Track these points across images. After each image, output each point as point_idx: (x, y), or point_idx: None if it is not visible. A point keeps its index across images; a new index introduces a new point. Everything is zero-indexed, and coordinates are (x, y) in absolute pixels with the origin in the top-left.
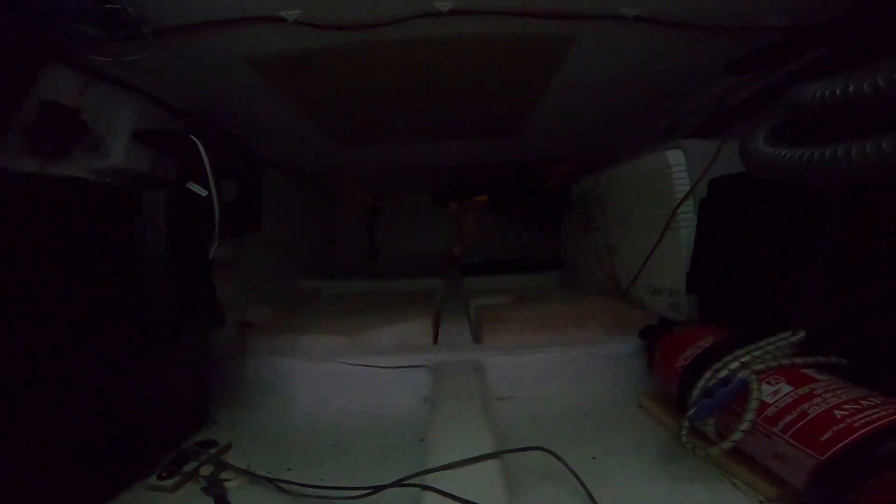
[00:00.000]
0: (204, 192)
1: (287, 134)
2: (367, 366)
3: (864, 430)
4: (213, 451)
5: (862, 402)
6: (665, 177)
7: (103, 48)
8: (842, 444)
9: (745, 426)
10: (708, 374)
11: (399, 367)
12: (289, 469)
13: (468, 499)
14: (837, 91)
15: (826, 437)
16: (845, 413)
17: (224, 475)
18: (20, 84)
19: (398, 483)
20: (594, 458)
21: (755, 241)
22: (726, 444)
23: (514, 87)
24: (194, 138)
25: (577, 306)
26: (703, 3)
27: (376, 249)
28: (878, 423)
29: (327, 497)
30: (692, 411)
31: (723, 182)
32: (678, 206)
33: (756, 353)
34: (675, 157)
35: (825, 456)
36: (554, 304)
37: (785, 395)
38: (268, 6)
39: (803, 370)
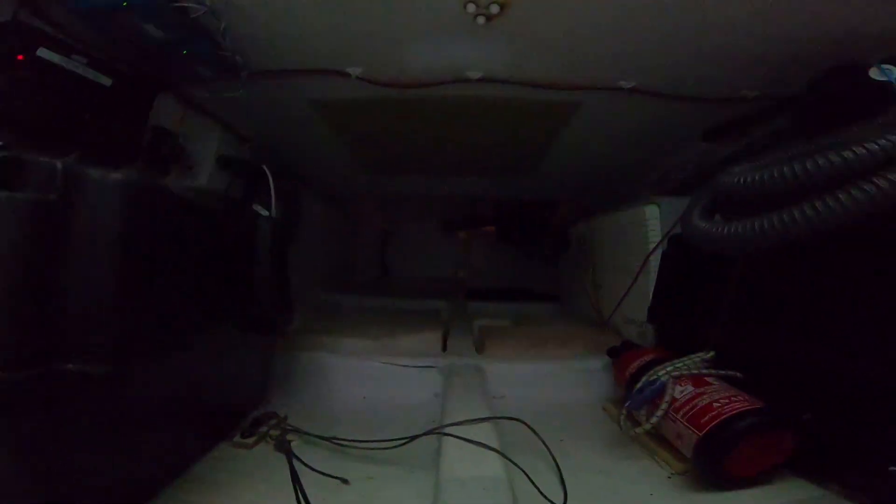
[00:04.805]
0: (265, 213)
1: (325, 161)
2: (390, 364)
3: (726, 415)
4: (275, 420)
5: (732, 398)
6: (641, 228)
7: (206, 84)
8: (712, 423)
9: (660, 413)
10: (644, 379)
11: (416, 366)
12: (334, 435)
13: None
14: (753, 178)
15: (705, 419)
16: (719, 404)
17: (288, 437)
18: (145, 110)
19: (428, 432)
20: (561, 440)
21: (689, 286)
22: (647, 426)
23: (526, 138)
24: (265, 168)
25: (563, 331)
26: (688, 78)
27: (386, 269)
28: (736, 410)
29: (370, 448)
30: (628, 402)
31: (677, 238)
32: (650, 254)
33: (678, 365)
34: (650, 212)
35: (702, 432)
36: (545, 329)
37: (688, 393)
38: (339, 63)
39: (707, 378)
